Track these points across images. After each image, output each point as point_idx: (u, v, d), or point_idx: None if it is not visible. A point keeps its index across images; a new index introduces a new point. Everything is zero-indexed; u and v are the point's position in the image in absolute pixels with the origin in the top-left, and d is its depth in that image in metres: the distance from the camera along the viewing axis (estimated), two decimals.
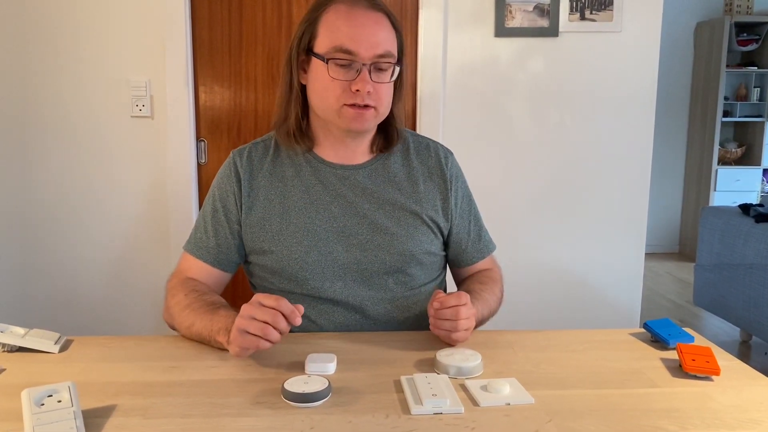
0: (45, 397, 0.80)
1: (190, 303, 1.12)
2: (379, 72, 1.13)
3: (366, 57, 1.11)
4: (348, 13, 1.12)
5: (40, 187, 2.42)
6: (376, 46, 1.11)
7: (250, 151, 1.25)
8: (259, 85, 2.46)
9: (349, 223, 1.19)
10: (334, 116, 1.16)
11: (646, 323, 1.14)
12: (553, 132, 2.47)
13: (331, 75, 1.12)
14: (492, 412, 0.84)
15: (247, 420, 0.81)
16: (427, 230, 1.23)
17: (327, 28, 1.12)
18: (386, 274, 1.20)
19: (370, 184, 1.22)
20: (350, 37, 1.10)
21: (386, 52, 1.12)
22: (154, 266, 2.44)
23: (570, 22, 2.39)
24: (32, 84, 2.37)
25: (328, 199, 1.20)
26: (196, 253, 1.23)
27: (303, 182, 1.21)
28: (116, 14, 2.33)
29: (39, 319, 2.44)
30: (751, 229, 2.96)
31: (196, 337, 1.09)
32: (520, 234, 2.50)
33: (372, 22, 1.12)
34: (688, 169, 5.47)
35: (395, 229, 1.20)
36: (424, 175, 1.26)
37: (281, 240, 1.18)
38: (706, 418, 0.83)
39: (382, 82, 1.14)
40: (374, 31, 1.12)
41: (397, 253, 1.19)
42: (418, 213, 1.22)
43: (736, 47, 5.08)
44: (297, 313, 0.95)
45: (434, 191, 1.25)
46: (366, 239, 1.19)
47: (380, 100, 1.15)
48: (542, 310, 2.51)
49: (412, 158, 1.27)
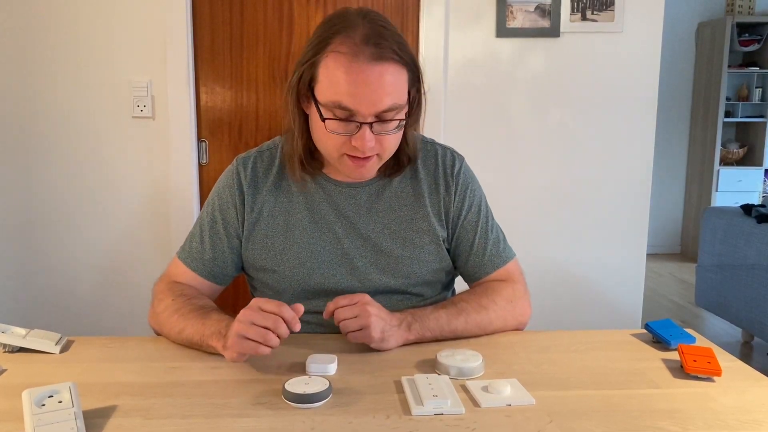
0: (46, 397, 0.80)
1: (179, 308, 1.09)
2: (384, 123, 1.05)
3: (366, 114, 1.02)
4: (348, 67, 1.00)
5: (41, 187, 2.42)
6: (378, 103, 1.01)
7: (255, 161, 1.20)
8: (260, 85, 2.46)
9: (352, 245, 1.16)
10: (334, 163, 1.11)
11: (648, 324, 1.14)
12: (554, 132, 2.47)
13: (329, 129, 1.04)
14: (493, 413, 0.84)
15: (248, 421, 0.81)
16: (432, 246, 1.19)
17: (326, 77, 1.03)
18: (391, 293, 1.17)
19: (376, 202, 1.18)
20: (350, 95, 1.00)
21: (391, 107, 1.03)
22: (155, 267, 2.44)
23: (571, 22, 2.39)
24: (34, 85, 2.37)
25: (331, 218, 1.17)
26: (190, 264, 1.19)
27: (307, 199, 1.17)
28: (118, 15, 2.34)
29: (40, 319, 2.44)
30: (752, 229, 2.96)
31: (186, 342, 1.06)
32: (521, 234, 2.49)
33: (375, 77, 1.00)
34: (689, 170, 5.46)
35: (399, 251, 1.16)
36: (430, 187, 1.20)
37: (284, 260, 1.16)
38: (707, 419, 0.83)
39: (386, 133, 1.06)
40: (376, 88, 1.01)
41: (402, 276, 1.17)
42: (425, 230, 1.18)
43: (738, 47, 5.08)
44: (297, 319, 0.93)
45: (439, 203, 1.20)
46: (369, 262, 1.16)
47: (383, 149, 1.08)
48: (543, 311, 2.51)
49: (419, 169, 1.21)
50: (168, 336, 1.11)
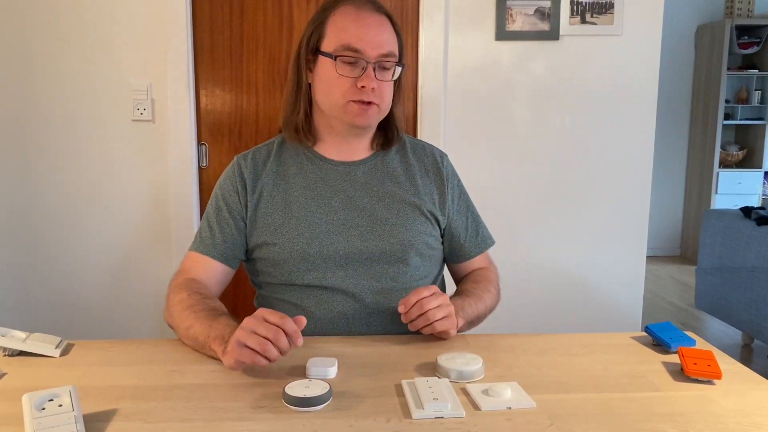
0: (46, 401, 0.80)
1: (193, 304, 1.11)
2: (383, 71, 1.21)
3: (371, 55, 1.18)
4: (356, 15, 1.20)
5: (41, 190, 2.42)
6: (380, 45, 1.19)
7: (254, 154, 1.31)
8: (260, 88, 2.46)
9: (349, 215, 1.24)
10: (339, 112, 1.21)
11: (648, 327, 1.14)
12: (554, 135, 2.47)
13: (339, 72, 1.18)
14: (493, 416, 0.84)
15: (248, 424, 0.81)
16: (426, 222, 1.28)
17: (335, 29, 1.20)
18: (386, 264, 1.23)
19: (369, 179, 1.28)
20: (357, 37, 1.18)
21: (389, 52, 1.20)
22: (155, 269, 2.44)
23: (571, 25, 2.40)
24: (34, 87, 2.37)
25: (328, 194, 1.25)
26: (202, 250, 1.25)
27: (305, 179, 1.26)
28: (118, 18, 2.34)
29: (40, 322, 2.44)
30: (752, 232, 2.96)
31: (191, 340, 1.07)
32: (521, 237, 2.50)
33: (377, 24, 1.20)
34: (689, 172, 5.47)
35: (394, 220, 1.24)
36: (421, 172, 1.32)
37: (283, 233, 1.22)
38: (708, 422, 0.83)
39: (385, 80, 1.21)
40: (379, 32, 1.20)
41: (396, 243, 1.23)
42: (417, 205, 1.27)
43: (737, 50, 5.08)
44: (299, 334, 0.94)
45: (431, 186, 1.31)
46: (366, 230, 1.23)
47: (382, 98, 1.22)
48: (543, 313, 2.51)
49: (409, 156, 1.33)
50: (177, 330, 1.13)
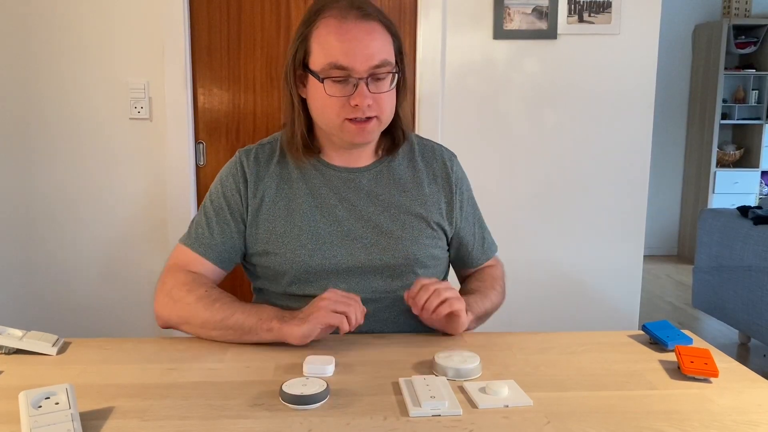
0: (42, 399, 0.80)
1: (219, 297, 1.10)
2: (377, 82, 1.11)
3: (361, 70, 1.08)
4: (338, 28, 1.08)
5: (38, 188, 2.42)
6: (370, 57, 1.08)
7: (257, 152, 1.24)
8: (257, 87, 2.46)
9: (353, 226, 1.19)
10: (336, 131, 1.15)
11: (645, 325, 1.14)
12: (551, 134, 2.47)
13: (328, 93, 1.10)
14: (490, 414, 0.84)
15: (245, 422, 0.81)
16: (432, 233, 1.23)
17: (319, 44, 1.10)
18: (390, 277, 1.19)
19: (374, 187, 1.22)
20: (343, 53, 1.07)
21: (382, 62, 1.10)
22: (152, 268, 2.44)
23: (568, 24, 2.40)
24: (31, 86, 2.36)
25: (332, 202, 1.20)
26: (198, 249, 1.19)
27: (308, 185, 1.21)
28: (115, 17, 2.34)
29: (37, 320, 2.44)
30: (749, 231, 2.96)
31: (229, 329, 1.07)
32: (518, 236, 2.50)
33: (364, 34, 1.08)
34: (686, 172, 5.47)
35: (400, 233, 1.19)
36: (429, 178, 1.25)
37: (285, 243, 1.18)
38: (704, 420, 0.83)
39: (381, 91, 1.12)
40: (367, 43, 1.08)
41: (401, 257, 1.19)
42: (423, 216, 1.22)
43: (735, 50, 5.09)
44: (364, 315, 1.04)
45: (439, 194, 1.25)
46: (370, 242, 1.19)
47: (381, 110, 1.13)
48: (541, 312, 2.51)
49: (417, 160, 1.26)
50: (192, 323, 1.10)
